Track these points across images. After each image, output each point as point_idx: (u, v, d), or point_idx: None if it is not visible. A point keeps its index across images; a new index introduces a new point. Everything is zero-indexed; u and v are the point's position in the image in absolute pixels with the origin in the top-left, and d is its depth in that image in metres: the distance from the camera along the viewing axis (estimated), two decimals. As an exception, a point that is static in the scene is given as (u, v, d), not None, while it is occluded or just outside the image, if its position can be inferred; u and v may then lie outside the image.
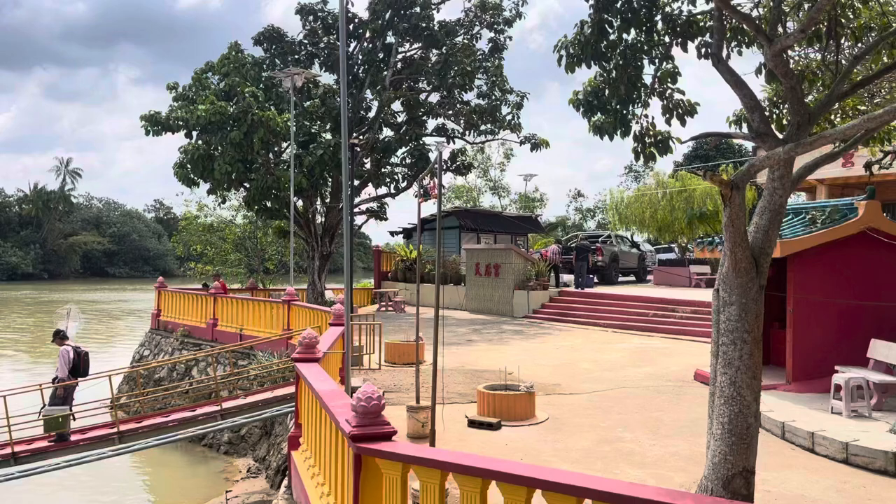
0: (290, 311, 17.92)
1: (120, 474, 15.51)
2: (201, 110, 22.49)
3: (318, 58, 26.74)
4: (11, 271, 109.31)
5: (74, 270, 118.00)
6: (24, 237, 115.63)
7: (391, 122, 27.17)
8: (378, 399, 4.87)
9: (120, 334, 42.62)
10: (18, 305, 65.27)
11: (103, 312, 58.96)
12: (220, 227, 34.59)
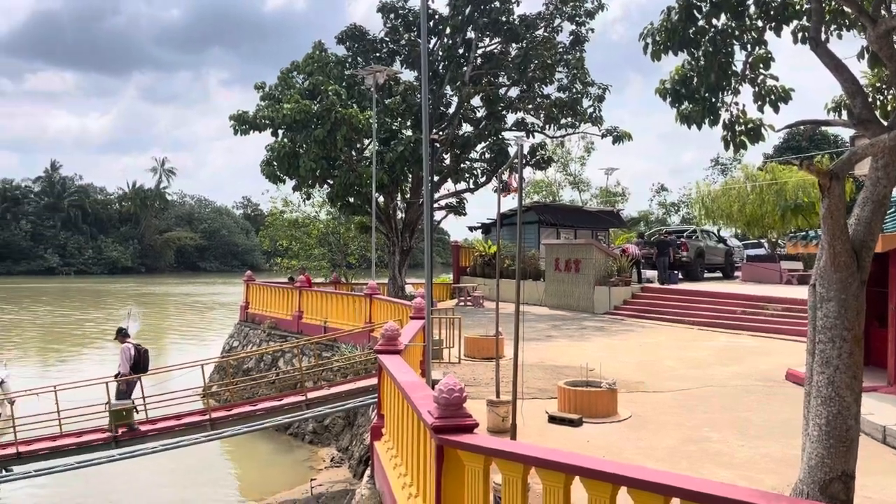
0: (372, 305, 18.23)
1: (210, 459, 16.17)
2: (287, 109, 23.15)
3: (399, 55, 27.04)
4: (112, 265, 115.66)
5: (169, 265, 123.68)
6: (123, 233, 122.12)
7: (470, 118, 27.22)
8: (460, 391, 4.89)
9: (211, 326, 44.48)
10: (118, 298, 68.93)
11: (196, 305, 61.63)
12: (304, 223, 35.53)
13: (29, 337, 39.22)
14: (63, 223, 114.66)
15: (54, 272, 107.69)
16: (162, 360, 31.51)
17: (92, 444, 12.85)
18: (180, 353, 33.32)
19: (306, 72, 25.52)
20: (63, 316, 50.54)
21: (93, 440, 12.89)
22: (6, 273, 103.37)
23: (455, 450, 4.79)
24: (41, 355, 33.35)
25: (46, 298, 65.64)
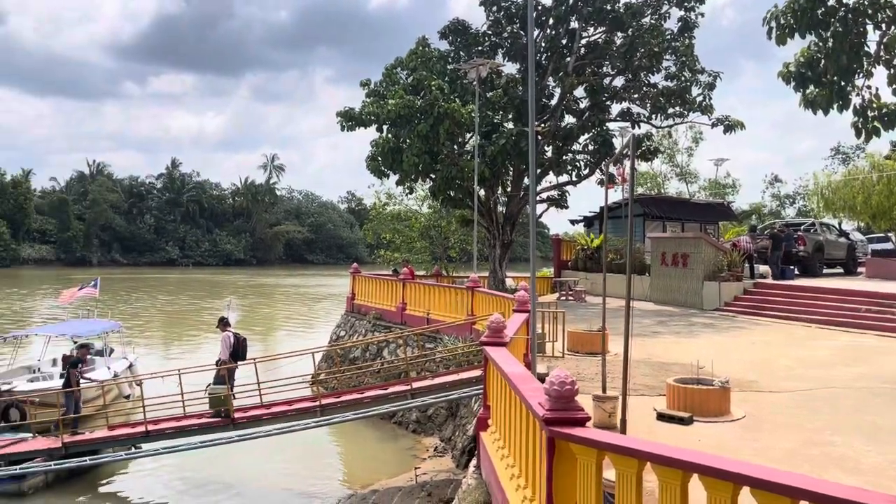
0: (473, 298, 18.34)
1: (318, 445, 16.76)
2: (391, 104, 23.57)
3: (501, 48, 26.96)
4: (226, 257, 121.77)
5: (278, 257, 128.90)
6: (236, 227, 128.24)
7: (573, 109, 26.81)
8: (571, 384, 4.86)
9: (318, 316, 46.08)
10: (232, 288, 72.44)
11: (304, 296, 63.97)
12: (407, 217, 36.14)
13: (153, 323, 41.94)
14: (182, 217, 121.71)
15: (175, 263, 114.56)
16: (272, 347, 32.94)
17: (212, 426, 13.63)
18: (289, 341, 34.71)
19: (410, 67, 25.90)
20: (183, 304, 53.70)
21: (213, 422, 13.66)
22: (133, 264, 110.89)
23: (567, 443, 4.76)
24: (164, 341, 35.59)
25: (171, 288, 69.97)
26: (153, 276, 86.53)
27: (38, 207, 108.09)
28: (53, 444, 13.44)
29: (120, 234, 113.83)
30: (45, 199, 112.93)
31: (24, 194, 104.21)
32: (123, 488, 13.83)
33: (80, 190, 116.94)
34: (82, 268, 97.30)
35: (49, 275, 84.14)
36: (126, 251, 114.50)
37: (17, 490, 12.57)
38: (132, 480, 14.27)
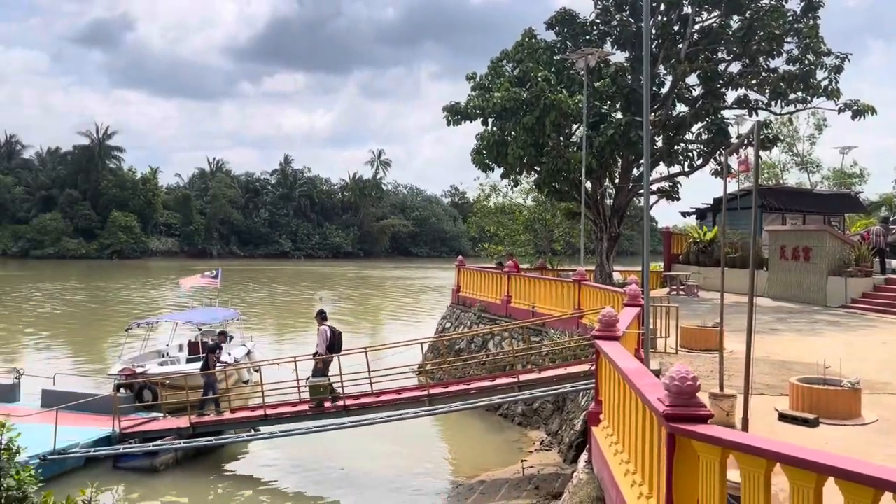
0: (580, 291, 18.08)
1: (425, 434, 17.04)
2: (497, 97, 23.57)
3: (610, 36, 26.35)
4: (335, 250, 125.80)
5: (384, 250, 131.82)
6: (345, 220, 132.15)
7: (685, 97, 25.86)
8: (693, 380, 4.72)
9: (423, 307, 46.83)
10: (341, 280, 74.70)
11: (409, 288, 65.14)
12: (511, 210, 36.07)
13: (269, 312, 43.92)
14: (294, 211, 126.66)
15: (288, 255, 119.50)
16: (378, 337, 33.80)
17: (325, 412, 14.15)
18: (395, 331, 35.48)
19: (516, 59, 25.78)
20: (296, 295, 55.91)
21: (326, 408, 14.18)
22: (249, 256, 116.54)
23: (688, 440, 4.63)
24: (278, 329, 37.20)
25: (285, 279, 73.05)
26: (268, 268, 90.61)
27: (164, 203, 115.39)
28: (182, 424, 14.36)
29: (237, 228, 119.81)
30: (170, 194, 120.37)
31: (152, 190, 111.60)
32: (244, 468, 14.59)
33: (202, 186, 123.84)
34: (203, 259, 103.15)
35: (174, 266, 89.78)
36: (243, 244, 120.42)
37: (150, 466, 13.52)
38: (251, 461, 15.03)
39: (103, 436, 14.01)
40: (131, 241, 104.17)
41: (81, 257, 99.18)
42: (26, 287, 56.31)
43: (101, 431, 14.15)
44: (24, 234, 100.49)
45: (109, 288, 58.27)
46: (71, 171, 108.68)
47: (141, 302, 47.66)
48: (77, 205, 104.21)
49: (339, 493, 13.21)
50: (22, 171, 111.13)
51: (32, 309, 42.44)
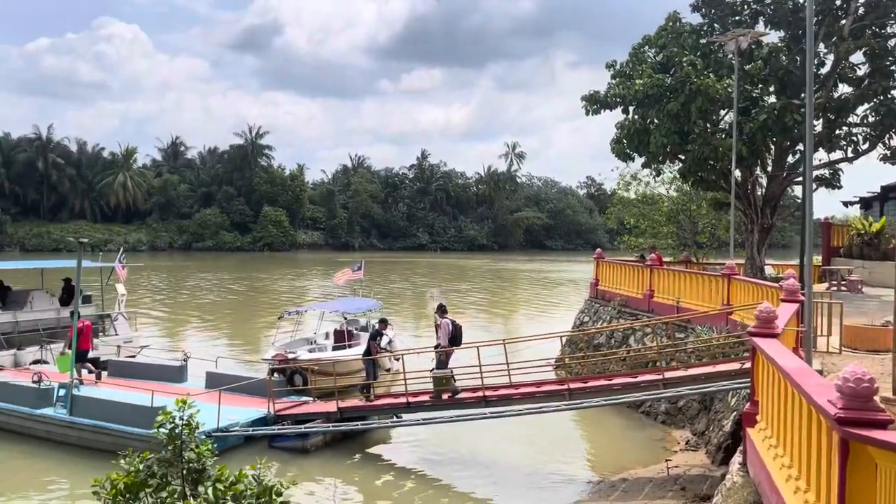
0: (730, 286, 17.17)
1: (562, 428, 16.85)
2: (638, 84, 22.79)
3: (763, 15, 24.71)
4: (470, 243, 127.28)
5: (518, 242, 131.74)
6: (479, 214, 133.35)
7: (849, 77, 23.81)
8: (870, 381, 4.34)
9: (558, 301, 46.36)
10: (476, 272, 75.40)
11: (544, 281, 64.73)
12: (654, 200, 34.80)
13: (407, 303, 45.13)
14: (431, 205, 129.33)
15: (424, 248, 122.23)
16: (513, 330, 33.82)
17: (465, 402, 14.35)
18: (529, 324, 35.39)
19: (659, 45, 24.77)
20: (433, 286, 57.05)
21: (465, 398, 14.37)
22: (388, 248, 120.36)
23: (864, 446, 4.26)
24: (416, 319, 38.14)
25: (422, 271, 74.86)
26: (406, 260, 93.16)
27: (310, 198, 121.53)
28: (330, 408, 15.06)
29: (377, 222, 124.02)
30: (316, 190, 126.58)
31: (299, 187, 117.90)
32: (387, 453, 15.10)
33: (344, 181, 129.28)
34: (346, 252, 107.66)
35: (319, 258, 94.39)
36: (382, 237, 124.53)
37: (301, 447, 14.31)
38: (394, 446, 15.53)
39: (259, 417, 14.96)
40: (281, 235, 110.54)
41: (236, 249, 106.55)
42: (191, 277, 61.30)
43: (258, 412, 15.12)
44: (188, 229, 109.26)
45: (261, 278, 62.21)
46: (227, 169, 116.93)
47: (289, 291, 50.51)
48: (233, 201, 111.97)
49: (477, 482, 13.37)
50: (186, 171, 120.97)
51: (196, 297, 46.11)
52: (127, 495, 3.97)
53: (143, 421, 13.56)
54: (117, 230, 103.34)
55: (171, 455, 4.12)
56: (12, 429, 15.16)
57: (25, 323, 19.89)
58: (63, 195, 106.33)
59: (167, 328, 32.82)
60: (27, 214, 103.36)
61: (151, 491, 4.14)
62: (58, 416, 14.53)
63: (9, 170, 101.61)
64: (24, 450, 14.42)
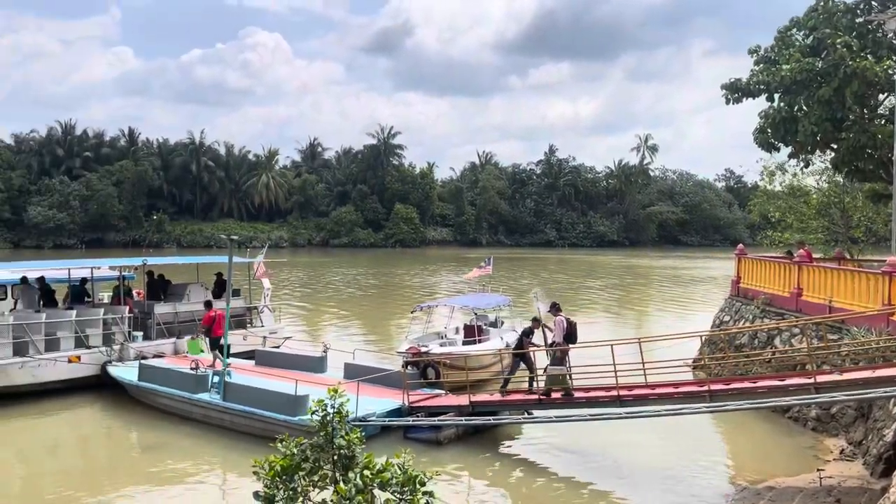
0: (891, 284, 15.77)
1: (701, 432, 16.16)
2: (785, 70, 21.43)
3: (929, -12, 22.52)
4: (600, 238, 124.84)
5: (651, 238, 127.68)
6: (609, 209, 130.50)
7: None
8: None
9: (694, 299, 44.48)
10: (606, 269, 73.83)
11: (679, 278, 62.34)
12: (801, 193, 32.60)
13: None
14: (559, 201, 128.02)
15: (552, 244, 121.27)
16: (645, 329, 32.78)
17: (598, 400, 14.10)
18: (663, 323, 34.18)
19: (808, 27, 23.14)
20: (562, 282, 56.45)
21: (599, 397, 14.12)
22: (515, 245, 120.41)
23: None
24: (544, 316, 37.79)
25: (551, 267, 74.28)
26: (533, 257, 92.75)
27: (439, 195, 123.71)
28: (463, 402, 15.27)
29: (504, 218, 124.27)
30: (444, 187, 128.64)
31: (429, 184, 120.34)
32: (518, 449, 15.10)
33: (472, 178, 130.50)
34: (474, 248, 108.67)
35: (448, 254, 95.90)
36: (510, 233, 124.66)
37: (435, 439, 14.59)
38: (525, 443, 15.50)
39: (395, 408, 15.42)
40: (411, 232, 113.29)
41: (370, 246, 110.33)
42: (328, 272, 64.14)
43: (393, 403, 15.59)
44: (325, 226, 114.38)
45: (393, 273, 64.06)
46: (361, 168, 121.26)
47: (420, 287, 51.67)
48: (366, 199, 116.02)
49: (610, 483, 13.09)
50: (323, 171, 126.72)
51: (333, 291, 48.21)
52: (283, 477, 4.23)
53: (287, 408, 14.39)
54: (261, 228, 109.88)
55: (323, 441, 4.34)
56: (175, 411, 16.52)
57: (183, 314, 21.53)
58: (213, 195, 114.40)
59: (307, 320, 34.53)
60: (183, 214, 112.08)
61: (304, 474, 4.39)
62: (213, 401, 15.66)
63: (167, 173, 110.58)
64: (185, 431, 15.67)
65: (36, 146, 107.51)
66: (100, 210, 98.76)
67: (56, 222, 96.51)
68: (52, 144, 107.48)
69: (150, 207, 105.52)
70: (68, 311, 19.35)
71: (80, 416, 17.41)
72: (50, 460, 14.58)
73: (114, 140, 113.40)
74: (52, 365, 17.86)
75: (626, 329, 31.85)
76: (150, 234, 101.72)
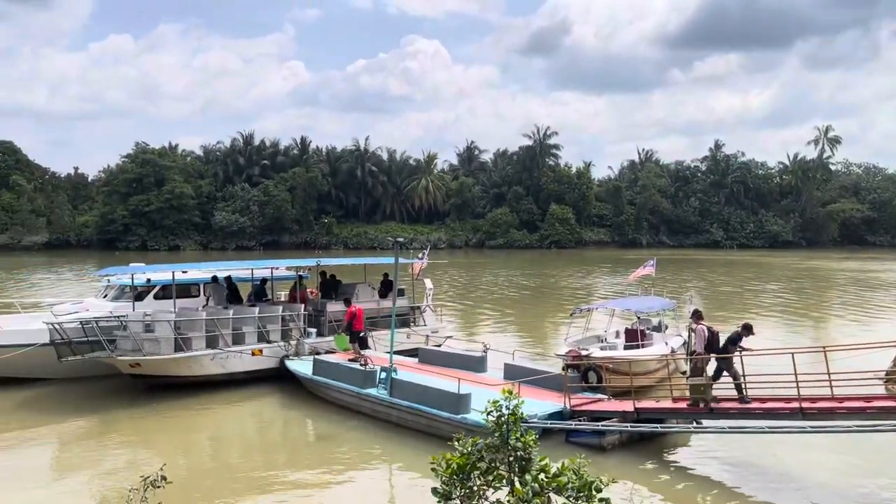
0: None
1: (885, 448, 14.61)
2: None
3: None
4: (772, 239, 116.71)
5: (831, 238, 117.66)
6: (783, 207, 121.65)
7: None
8: None
9: (886, 305, 40.34)
10: (779, 271, 68.86)
11: (868, 282, 56.79)
12: None
13: (709, 303, 42.72)
14: (726, 199, 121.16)
15: (718, 245, 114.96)
16: (824, 337, 30.14)
17: (777, 412, 13.16)
18: (845, 331, 31.26)
19: None
20: (733, 286, 53.34)
21: (778, 408, 13.17)
22: (678, 245, 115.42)
23: None
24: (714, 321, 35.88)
25: (718, 269, 70.46)
26: (697, 257, 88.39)
27: (596, 195, 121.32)
28: (627, 408, 14.84)
29: (666, 217, 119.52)
30: (602, 187, 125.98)
31: (585, 184, 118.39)
32: (685, 459, 14.44)
33: (631, 177, 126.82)
34: (633, 249, 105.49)
35: (605, 255, 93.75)
36: (672, 233, 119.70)
37: (598, 444, 14.29)
38: (693, 453, 14.79)
39: (556, 411, 15.27)
40: (567, 233, 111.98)
41: (525, 247, 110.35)
42: (485, 273, 64.92)
43: (554, 406, 15.45)
44: (481, 228, 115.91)
45: (549, 275, 63.59)
46: (517, 169, 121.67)
47: (577, 289, 50.91)
48: (522, 200, 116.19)
49: (787, 501, 12.18)
50: (479, 173, 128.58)
51: (490, 292, 48.70)
52: (459, 475, 4.32)
53: (451, 405, 14.70)
54: (420, 230, 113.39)
55: (499, 442, 4.39)
56: (345, 405, 17.43)
57: (352, 312, 22.64)
58: (377, 199, 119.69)
59: (466, 320, 35.13)
60: (349, 217, 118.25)
61: (479, 474, 4.45)
62: (381, 396, 16.35)
63: (335, 178, 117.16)
64: (354, 424, 16.49)
65: (221, 156, 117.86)
66: (275, 214, 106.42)
67: (238, 226, 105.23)
68: (235, 154, 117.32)
69: (320, 211, 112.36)
70: (252, 308, 21.01)
71: (262, 404, 18.83)
72: (236, 444, 15.91)
73: (287, 149, 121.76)
74: (238, 357, 19.48)
75: (802, 337, 29.50)
76: (320, 236, 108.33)
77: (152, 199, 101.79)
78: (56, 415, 17.30)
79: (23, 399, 18.70)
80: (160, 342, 18.22)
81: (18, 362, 19.20)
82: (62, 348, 18.14)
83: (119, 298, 22.25)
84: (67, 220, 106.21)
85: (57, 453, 15.40)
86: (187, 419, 17.30)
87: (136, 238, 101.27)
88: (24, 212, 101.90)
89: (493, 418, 4.52)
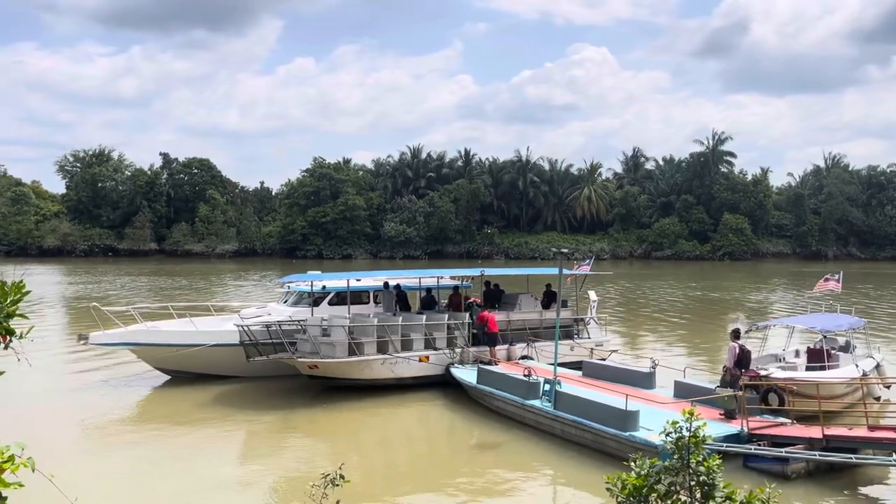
0: None
1: None
2: None
3: None
4: None
5: None
6: None
7: None
8: None
9: None
10: None
11: None
12: None
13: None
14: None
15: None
16: None
17: None
18: None
19: None
20: None
21: None
22: (871, 258, 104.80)
23: None
24: None
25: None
26: (893, 272, 79.66)
27: (775, 204, 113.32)
28: (815, 434, 13.66)
29: (857, 228, 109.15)
30: (781, 195, 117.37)
31: (763, 192, 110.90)
32: (884, 496, 13.04)
33: (815, 184, 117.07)
34: (816, 262, 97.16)
35: (784, 268, 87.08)
36: (864, 245, 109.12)
37: (780, 472, 13.25)
38: (893, 493, 13.32)
39: (732, 433, 14.37)
40: (742, 243, 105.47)
41: (695, 258, 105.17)
42: (652, 285, 62.62)
43: (730, 428, 14.54)
44: (647, 238, 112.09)
45: (721, 287, 60.12)
46: (686, 177, 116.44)
47: (753, 303, 47.70)
48: (692, 209, 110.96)
49: None
50: (645, 182, 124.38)
51: (657, 305, 46.88)
52: (637, 497, 4.19)
53: (617, 422, 14.29)
54: (582, 240, 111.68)
55: (679, 465, 4.21)
56: (508, 414, 17.49)
57: (515, 322, 22.72)
58: (538, 209, 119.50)
59: (632, 333, 34.06)
60: (510, 227, 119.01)
61: (657, 497, 4.29)
62: (544, 408, 16.23)
63: (497, 189, 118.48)
64: (517, 434, 16.51)
65: (390, 169, 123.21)
66: (440, 225, 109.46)
67: (405, 236, 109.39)
68: (403, 167, 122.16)
69: (482, 221, 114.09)
70: (419, 316, 21.71)
71: (428, 410, 19.36)
72: (404, 446, 16.48)
73: (452, 161, 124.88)
74: (407, 363, 20.19)
75: None
76: (482, 246, 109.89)
77: (328, 210, 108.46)
78: (245, 409, 18.85)
79: (219, 393, 20.55)
80: (335, 346, 19.30)
81: (213, 361, 21.15)
82: (250, 349, 19.75)
83: (298, 304, 23.84)
84: (254, 231, 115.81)
85: (244, 443, 16.79)
86: (358, 420, 18.17)
87: (314, 247, 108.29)
88: (217, 223, 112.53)
89: (671, 439, 4.33)
